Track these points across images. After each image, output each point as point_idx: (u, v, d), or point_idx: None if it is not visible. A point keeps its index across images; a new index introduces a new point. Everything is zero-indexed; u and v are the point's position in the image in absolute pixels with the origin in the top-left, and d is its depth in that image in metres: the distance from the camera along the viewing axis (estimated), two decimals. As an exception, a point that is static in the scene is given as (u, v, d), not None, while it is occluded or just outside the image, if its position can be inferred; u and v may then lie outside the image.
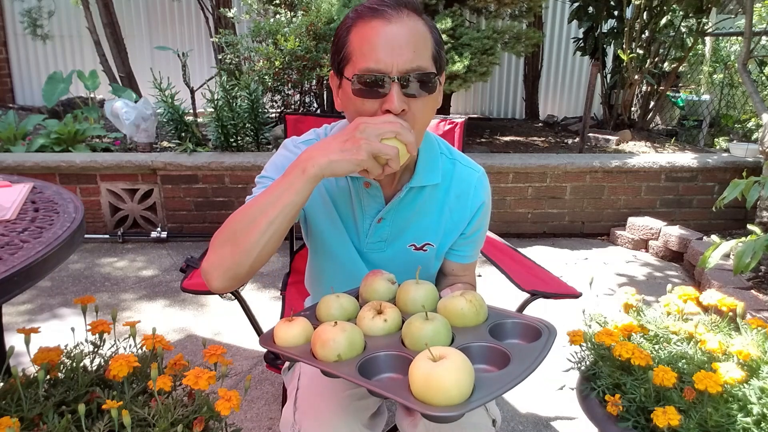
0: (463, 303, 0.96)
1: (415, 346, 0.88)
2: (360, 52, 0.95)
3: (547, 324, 0.95)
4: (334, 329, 0.87)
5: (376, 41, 0.93)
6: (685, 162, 3.76)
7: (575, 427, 1.91)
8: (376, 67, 0.93)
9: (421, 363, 0.78)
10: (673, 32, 4.61)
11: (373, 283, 1.06)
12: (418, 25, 0.96)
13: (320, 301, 1.02)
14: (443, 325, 0.90)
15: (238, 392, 0.89)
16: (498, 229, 3.65)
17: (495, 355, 0.88)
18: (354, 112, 0.99)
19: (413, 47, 0.94)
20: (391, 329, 0.94)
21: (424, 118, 1.00)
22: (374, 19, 0.94)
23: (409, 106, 0.95)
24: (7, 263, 0.99)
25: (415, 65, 0.94)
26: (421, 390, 0.76)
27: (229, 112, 3.68)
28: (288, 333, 0.92)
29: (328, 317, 0.98)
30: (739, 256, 1.54)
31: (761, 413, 0.93)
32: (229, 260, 0.95)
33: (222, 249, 0.96)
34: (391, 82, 0.93)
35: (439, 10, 3.93)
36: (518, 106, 6.09)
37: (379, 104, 0.95)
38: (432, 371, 0.75)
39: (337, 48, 1.00)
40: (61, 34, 5.88)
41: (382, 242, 1.17)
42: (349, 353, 0.86)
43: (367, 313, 0.96)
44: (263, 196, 0.94)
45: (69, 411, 0.87)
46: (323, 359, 0.86)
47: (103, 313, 2.34)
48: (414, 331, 0.89)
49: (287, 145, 1.15)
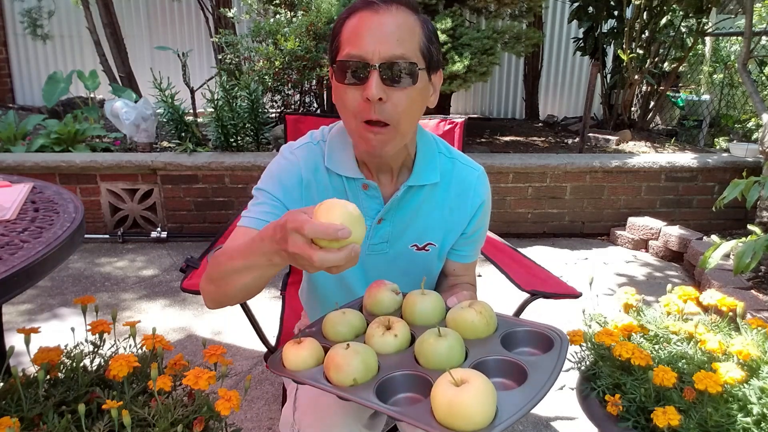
0: (474, 315, 0.95)
1: (429, 365, 0.87)
2: (347, 41, 0.97)
3: (558, 331, 0.94)
4: (347, 352, 0.86)
5: (361, 29, 0.95)
6: (685, 162, 3.76)
7: (575, 427, 1.91)
8: (357, 53, 0.94)
9: (444, 388, 0.76)
10: (673, 32, 4.61)
11: (377, 295, 1.05)
12: (407, 17, 0.97)
13: (326, 319, 1.00)
14: (457, 341, 0.89)
15: (238, 392, 0.89)
16: (498, 229, 3.65)
17: (511, 367, 0.87)
18: (340, 103, 1.01)
19: (397, 37, 0.95)
20: (401, 345, 0.94)
21: (407, 110, 0.98)
22: (364, 10, 0.97)
23: (389, 96, 0.95)
24: (7, 263, 0.99)
25: (397, 53, 0.94)
26: (445, 417, 0.75)
27: (229, 112, 3.68)
28: (297, 357, 0.90)
29: (336, 335, 0.97)
30: (739, 256, 1.54)
31: (761, 413, 0.93)
32: (215, 295, 0.99)
33: (208, 285, 0.99)
34: (371, 69, 0.94)
35: (439, 10, 3.92)
36: (518, 106, 6.09)
37: (360, 93, 0.96)
38: (455, 398, 0.74)
39: (332, 41, 1.02)
40: (61, 34, 5.88)
41: (384, 243, 1.17)
42: (365, 377, 0.85)
43: (377, 330, 0.95)
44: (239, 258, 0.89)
45: (69, 411, 0.87)
46: (338, 384, 0.85)
47: (103, 313, 2.33)
48: (428, 348, 0.88)
49: (283, 152, 1.14)
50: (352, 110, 0.98)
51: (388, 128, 0.98)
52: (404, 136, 1.02)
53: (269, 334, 1.53)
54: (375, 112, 0.95)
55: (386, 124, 0.97)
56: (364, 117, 0.97)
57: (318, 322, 1.03)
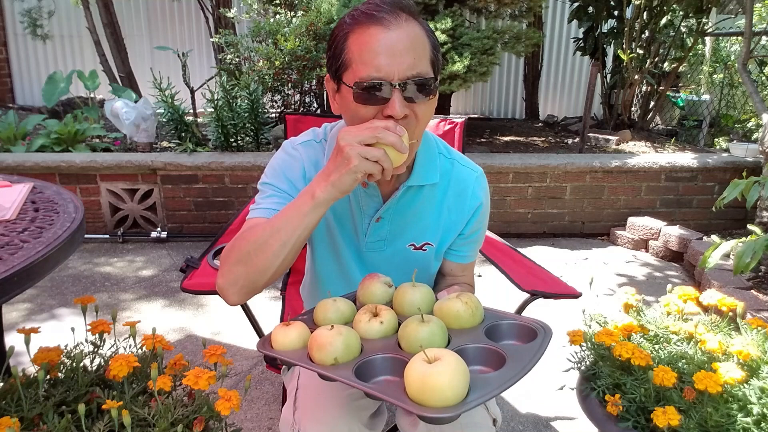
0: (459, 305, 0.96)
1: (411, 349, 0.88)
2: (360, 60, 0.95)
3: (543, 324, 0.95)
4: (330, 333, 0.88)
5: (377, 48, 0.94)
6: (685, 162, 3.76)
7: (575, 427, 1.91)
8: (377, 75, 0.93)
9: (416, 365, 0.78)
10: (673, 32, 4.61)
11: (370, 287, 1.06)
12: (416, 29, 0.97)
13: (317, 306, 1.02)
14: (439, 327, 0.91)
15: (238, 392, 0.89)
16: (498, 229, 3.65)
17: (491, 356, 0.88)
18: (352, 117, 0.99)
19: (413, 53, 0.95)
20: (387, 331, 0.95)
21: (424, 120, 1.01)
22: (372, 26, 0.94)
23: (411, 111, 0.97)
24: (7, 263, 0.99)
25: (415, 72, 0.95)
26: (416, 392, 0.76)
27: (229, 112, 3.68)
28: (285, 337, 0.92)
29: (325, 321, 0.98)
30: (739, 256, 1.54)
31: (761, 413, 0.93)
32: (244, 278, 0.98)
33: (236, 267, 0.98)
34: (393, 88, 0.94)
35: (439, 10, 3.92)
36: (518, 106, 6.09)
37: (378, 109, 0.96)
38: (427, 373, 0.76)
39: (335, 54, 1.00)
40: (61, 34, 5.87)
41: (381, 241, 1.17)
42: (346, 356, 0.87)
43: (363, 316, 0.96)
44: (276, 219, 0.97)
45: (69, 411, 0.87)
46: (320, 363, 0.86)
47: (103, 313, 2.34)
48: (410, 333, 0.89)
49: (286, 147, 1.15)
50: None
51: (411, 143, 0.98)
52: (418, 141, 1.05)
53: (269, 334, 1.53)
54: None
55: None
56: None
57: (310, 311, 1.05)
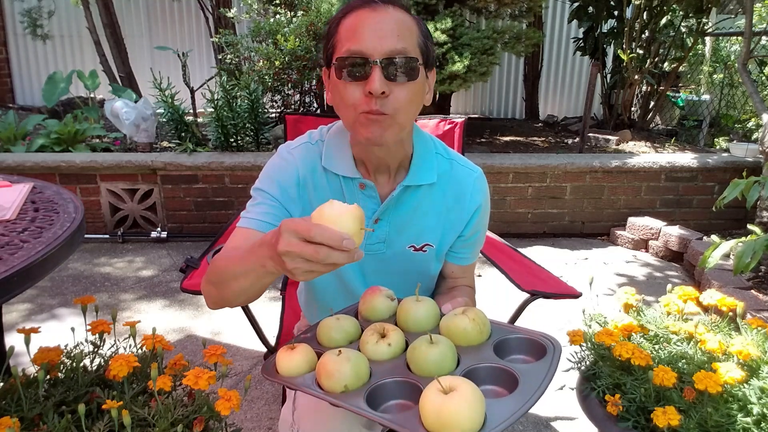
0: (467, 322, 0.95)
1: (421, 372, 0.87)
2: (345, 38, 0.98)
3: (552, 339, 0.93)
4: (339, 359, 0.86)
5: (361, 26, 0.97)
6: (685, 162, 3.76)
7: (575, 427, 1.91)
8: (358, 48, 0.95)
9: (432, 396, 0.76)
10: (673, 32, 4.61)
11: (372, 301, 1.05)
12: (404, 16, 1.00)
13: (320, 325, 1.00)
14: (448, 348, 0.89)
15: (238, 392, 0.89)
16: (498, 229, 3.65)
17: (502, 375, 0.87)
18: (339, 100, 1.01)
19: (397, 33, 0.97)
20: (395, 353, 0.94)
21: (406, 106, 0.99)
22: (361, 9, 0.98)
23: (390, 90, 0.96)
24: (7, 263, 0.99)
25: (398, 48, 0.96)
26: (433, 424, 0.75)
27: (229, 112, 3.68)
28: (291, 363, 0.91)
29: (329, 341, 0.97)
30: (739, 256, 1.54)
31: (761, 413, 0.93)
32: (216, 298, 1.00)
33: (209, 287, 1.00)
34: (373, 64, 0.95)
35: (439, 10, 3.92)
36: (518, 106, 6.09)
37: (361, 88, 0.96)
38: (443, 405, 0.74)
39: (327, 40, 1.03)
40: (61, 34, 5.87)
41: (381, 243, 1.17)
42: (356, 383, 0.85)
43: (371, 337, 0.95)
44: (237, 265, 0.91)
45: (69, 411, 0.87)
46: (329, 390, 0.85)
47: (103, 313, 2.33)
48: (419, 356, 0.88)
49: (281, 152, 1.14)
50: (352, 104, 0.98)
51: (386, 116, 0.98)
52: (402, 127, 1.02)
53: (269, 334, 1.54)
54: (376, 105, 0.96)
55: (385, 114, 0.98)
56: (364, 109, 0.97)
57: (312, 328, 1.03)
